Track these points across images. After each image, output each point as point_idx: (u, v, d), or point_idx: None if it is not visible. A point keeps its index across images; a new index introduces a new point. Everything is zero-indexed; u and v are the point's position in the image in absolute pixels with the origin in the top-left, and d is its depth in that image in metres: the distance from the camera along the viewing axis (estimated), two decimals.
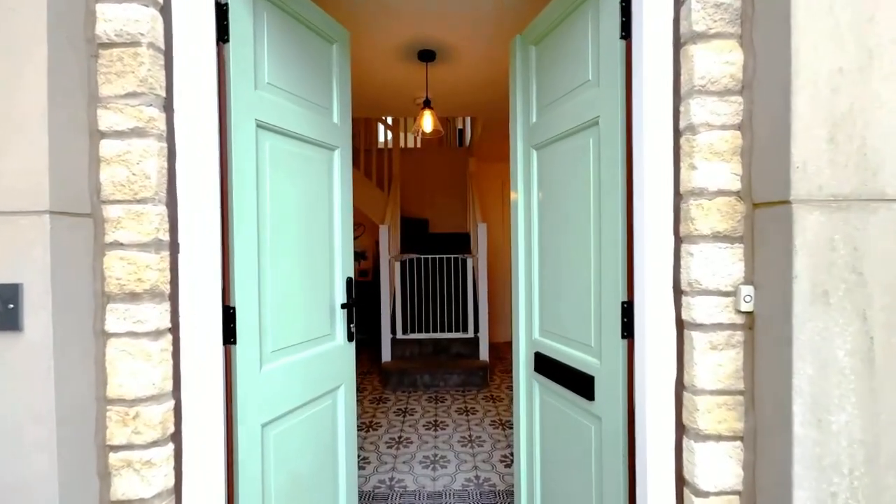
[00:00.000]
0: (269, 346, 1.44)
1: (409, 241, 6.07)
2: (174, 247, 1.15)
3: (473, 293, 4.93)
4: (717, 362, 1.09)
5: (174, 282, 1.15)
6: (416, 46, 3.08)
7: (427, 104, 3.50)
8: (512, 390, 4.28)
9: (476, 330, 4.80)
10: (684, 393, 1.13)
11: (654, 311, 1.18)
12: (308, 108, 1.62)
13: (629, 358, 1.28)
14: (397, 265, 4.97)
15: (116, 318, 1.09)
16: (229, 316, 1.29)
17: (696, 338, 1.09)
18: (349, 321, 1.81)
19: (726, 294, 1.08)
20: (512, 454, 2.97)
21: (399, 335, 4.71)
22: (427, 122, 3.50)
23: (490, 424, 3.47)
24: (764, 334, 1.04)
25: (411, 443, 3.17)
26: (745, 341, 1.09)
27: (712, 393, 1.09)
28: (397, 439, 3.23)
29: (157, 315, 1.10)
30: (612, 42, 1.30)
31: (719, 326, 1.09)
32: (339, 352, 1.77)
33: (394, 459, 2.92)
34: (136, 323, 1.09)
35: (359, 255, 6.67)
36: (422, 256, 5.06)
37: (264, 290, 1.42)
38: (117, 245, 1.09)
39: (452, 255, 5.09)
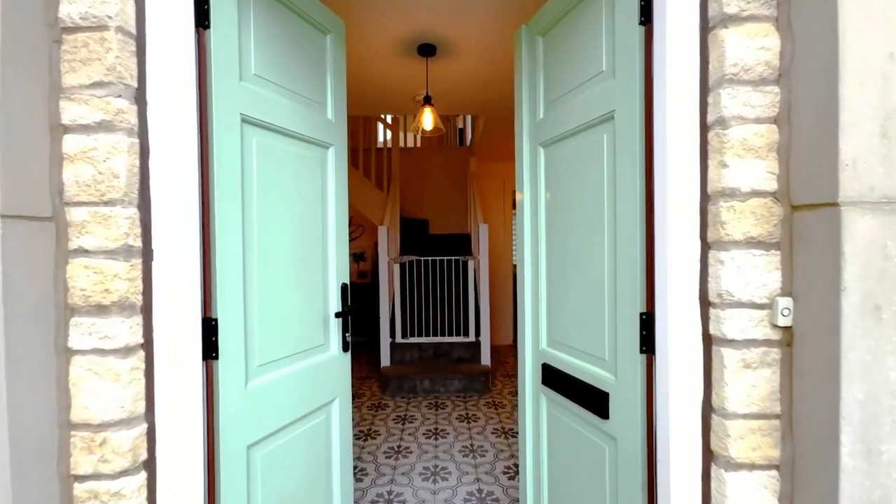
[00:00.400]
0: (256, 360, 1.33)
1: (409, 243, 5.96)
2: (147, 254, 1.04)
3: (475, 296, 4.82)
4: (751, 383, 0.97)
5: (147, 292, 1.04)
6: (415, 40, 2.96)
7: (427, 101, 3.38)
8: (515, 396, 4.17)
9: (477, 333, 4.68)
10: (713, 416, 1.02)
11: (678, 324, 1.07)
12: (300, 103, 1.51)
13: (648, 374, 1.17)
14: (397, 267, 4.85)
15: (81, 333, 0.98)
16: (210, 329, 1.17)
17: (726, 355, 0.98)
18: (344, 330, 1.69)
19: (761, 307, 0.97)
20: (516, 465, 2.85)
21: (398, 339, 4.60)
22: (427, 119, 3.38)
23: (492, 433, 3.36)
24: (804, 352, 0.93)
25: (411, 452, 3.05)
26: (782, 359, 0.97)
27: (745, 417, 0.98)
28: (396, 448, 3.11)
29: (127, 330, 0.99)
30: (629, 28, 1.19)
31: (753, 343, 0.98)
32: (334, 363, 1.66)
33: (392, 471, 2.80)
34: (102, 339, 0.98)
35: (358, 257, 6.56)
36: (422, 258, 4.94)
37: (250, 300, 1.31)
38: (82, 252, 0.98)
39: (453, 257, 4.97)
